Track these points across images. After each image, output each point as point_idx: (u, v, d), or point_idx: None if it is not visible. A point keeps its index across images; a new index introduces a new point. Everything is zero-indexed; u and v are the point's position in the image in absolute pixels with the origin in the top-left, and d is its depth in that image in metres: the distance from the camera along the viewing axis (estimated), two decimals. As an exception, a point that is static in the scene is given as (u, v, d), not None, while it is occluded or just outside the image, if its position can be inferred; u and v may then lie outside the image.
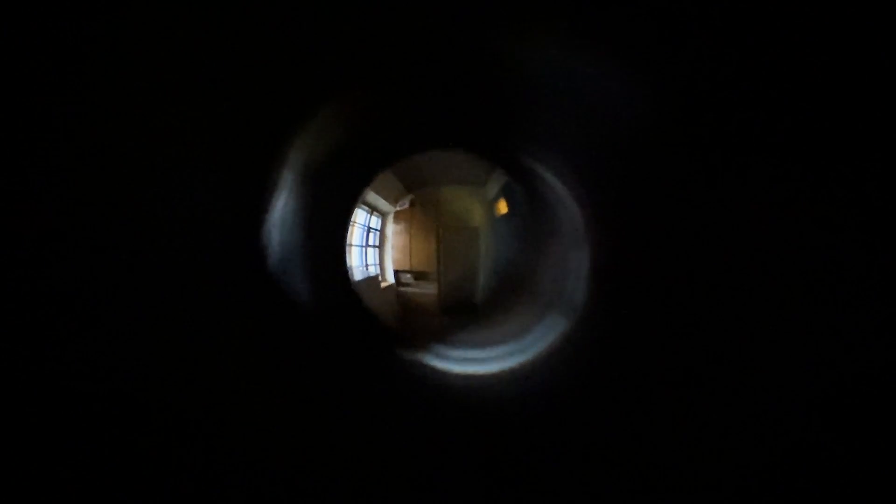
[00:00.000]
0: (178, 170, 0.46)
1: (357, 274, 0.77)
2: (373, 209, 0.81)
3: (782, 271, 0.43)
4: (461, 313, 0.81)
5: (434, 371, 0.73)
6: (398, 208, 0.84)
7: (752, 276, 0.45)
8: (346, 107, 0.60)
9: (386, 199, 0.82)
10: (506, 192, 0.80)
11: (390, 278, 0.83)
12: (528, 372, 0.68)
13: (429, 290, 0.83)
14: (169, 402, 0.48)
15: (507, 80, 0.57)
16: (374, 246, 0.81)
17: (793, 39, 0.39)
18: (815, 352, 0.43)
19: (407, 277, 0.83)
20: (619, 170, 0.54)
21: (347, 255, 0.74)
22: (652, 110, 0.46)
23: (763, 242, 0.44)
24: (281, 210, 0.58)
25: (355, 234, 0.78)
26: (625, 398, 0.54)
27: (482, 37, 0.49)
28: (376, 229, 0.82)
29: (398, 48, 0.52)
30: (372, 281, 0.80)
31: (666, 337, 0.53)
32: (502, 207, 0.81)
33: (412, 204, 0.84)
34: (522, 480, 0.54)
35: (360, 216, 0.78)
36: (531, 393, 0.66)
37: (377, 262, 0.82)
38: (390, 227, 0.84)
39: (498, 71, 0.55)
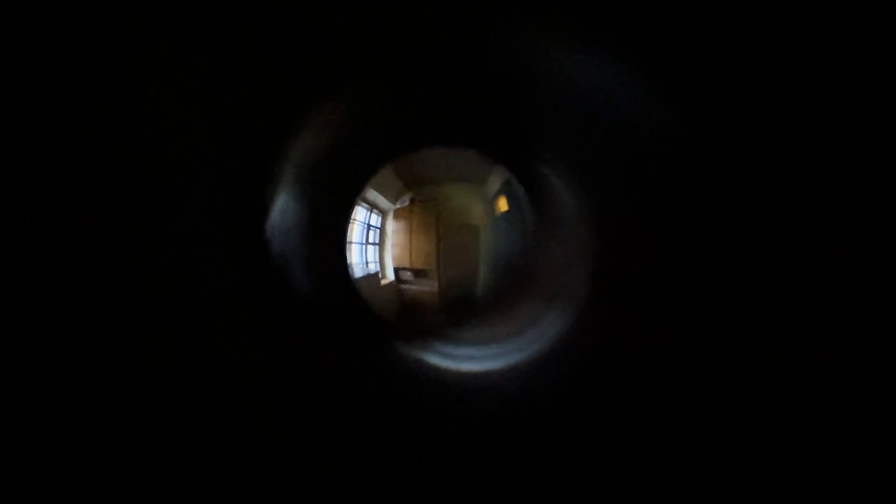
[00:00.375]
0: (179, 168, 0.46)
1: (357, 271, 0.77)
2: (373, 207, 0.81)
3: (786, 271, 0.43)
4: (461, 311, 0.81)
5: (433, 368, 0.73)
6: (398, 206, 0.84)
7: (755, 276, 0.45)
8: (348, 102, 0.60)
9: (386, 196, 0.82)
10: (506, 190, 0.80)
11: (390, 275, 0.83)
12: (528, 369, 0.68)
13: (429, 287, 0.83)
14: (171, 394, 0.49)
15: (514, 79, 0.56)
16: (373, 243, 0.81)
17: (804, 43, 0.38)
18: (819, 352, 0.43)
19: (407, 275, 0.83)
20: (624, 170, 0.54)
21: (348, 252, 0.75)
22: (659, 112, 0.46)
23: (766, 243, 0.44)
24: (282, 207, 0.58)
25: (355, 232, 0.78)
26: (625, 396, 0.54)
27: (488, 35, 0.49)
28: (376, 227, 0.82)
29: (402, 44, 0.52)
30: (372, 278, 0.80)
31: (666, 336, 0.53)
32: (503, 205, 0.81)
33: (412, 202, 0.84)
34: (520, 477, 0.54)
35: (360, 214, 0.78)
36: (530, 390, 0.66)
37: (377, 259, 0.82)
38: (390, 225, 0.84)
39: (504, 70, 0.55)
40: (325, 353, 0.63)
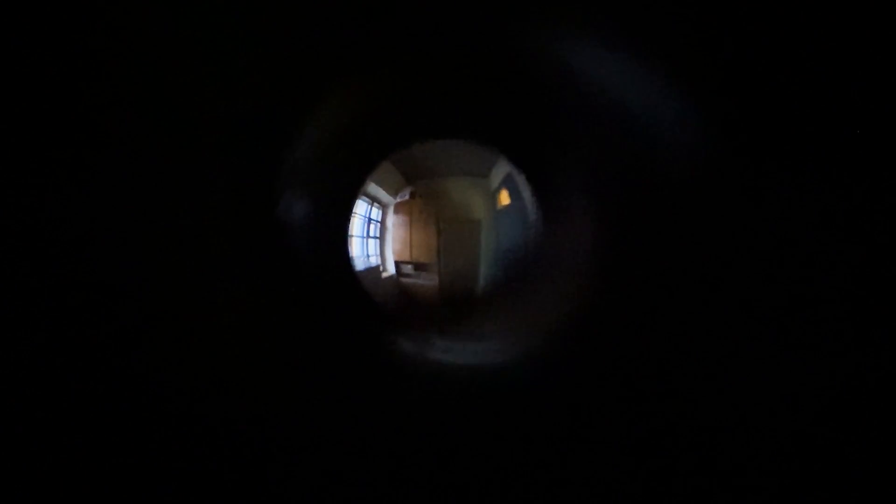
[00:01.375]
0: (186, 165, 0.46)
1: (359, 264, 0.78)
2: (373, 200, 0.81)
3: (796, 280, 0.44)
4: (462, 305, 0.81)
5: (433, 361, 0.73)
6: (398, 200, 0.84)
7: (765, 287, 0.45)
8: (352, 94, 0.60)
9: (386, 190, 0.82)
10: (508, 184, 0.80)
11: (391, 269, 0.83)
12: (528, 365, 0.69)
13: (429, 281, 0.83)
14: (177, 381, 0.49)
15: (525, 71, 0.56)
16: (374, 237, 0.81)
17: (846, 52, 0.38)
18: (824, 355, 0.43)
19: (407, 268, 0.83)
20: (637, 172, 0.54)
21: (350, 246, 0.75)
22: (679, 115, 0.46)
23: (781, 257, 0.44)
24: (287, 201, 0.58)
25: (356, 225, 0.78)
26: (628, 395, 0.55)
27: (500, 23, 0.49)
28: (377, 220, 0.82)
29: (410, 32, 0.52)
30: (373, 271, 0.80)
31: (670, 336, 0.53)
32: (504, 199, 0.81)
33: (412, 195, 0.84)
34: (518, 472, 0.54)
35: (360, 207, 0.78)
36: (532, 386, 0.67)
37: (378, 252, 0.82)
38: (390, 219, 0.84)
39: (515, 60, 0.54)
40: (328, 343, 0.64)
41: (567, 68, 0.52)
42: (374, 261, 0.81)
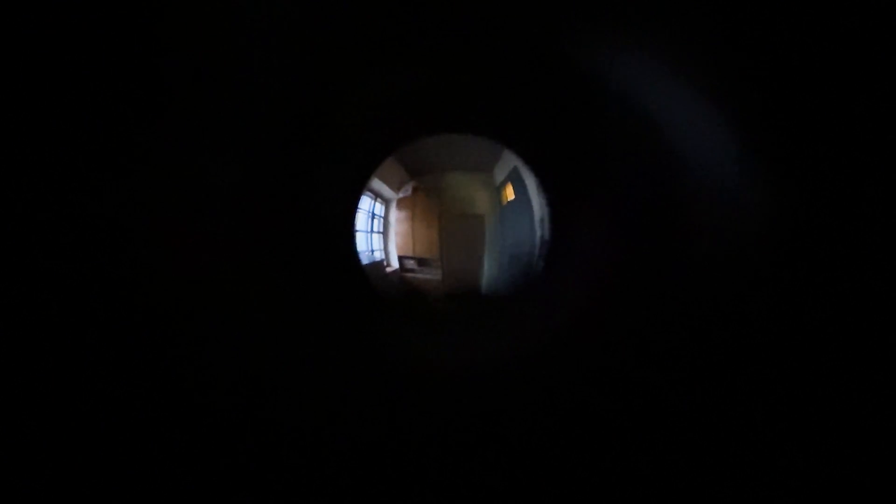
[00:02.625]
0: (193, 159, 0.46)
1: (363, 258, 0.78)
2: (376, 196, 0.81)
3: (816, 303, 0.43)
4: (465, 300, 0.81)
5: (434, 357, 0.73)
6: (401, 195, 0.84)
7: (783, 309, 0.45)
8: (362, 89, 0.59)
9: (389, 185, 0.82)
10: (513, 178, 0.79)
11: (395, 263, 0.83)
12: (532, 364, 0.69)
13: (432, 276, 0.83)
14: (178, 377, 0.49)
15: (544, 69, 0.56)
16: (378, 232, 0.81)
17: None
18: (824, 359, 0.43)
19: (411, 263, 0.83)
20: (656, 184, 0.54)
21: (355, 240, 0.75)
22: (715, 131, 0.45)
23: (807, 279, 0.44)
24: (294, 196, 0.58)
25: (360, 220, 0.78)
26: (631, 399, 0.55)
27: (521, 19, 0.48)
28: (380, 216, 0.82)
29: (423, 27, 0.51)
30: (377, 265, 0.80)
31: (679, 345, 0.53)
32: (509, 194, 0.80)
33: (415, 191, 0.84)
34: (519, 474, 0.54)
35: (364, 202, 0.78)
36: (533, 385, 0.67)
37: (382, 247, 0.82)
38: (393, 214, 0.84)
39: (534, 57, 0.54)
40: (333, 337, 0.64)
41: (584, 66, 0.51)
42: (379, 255, 0.81)
